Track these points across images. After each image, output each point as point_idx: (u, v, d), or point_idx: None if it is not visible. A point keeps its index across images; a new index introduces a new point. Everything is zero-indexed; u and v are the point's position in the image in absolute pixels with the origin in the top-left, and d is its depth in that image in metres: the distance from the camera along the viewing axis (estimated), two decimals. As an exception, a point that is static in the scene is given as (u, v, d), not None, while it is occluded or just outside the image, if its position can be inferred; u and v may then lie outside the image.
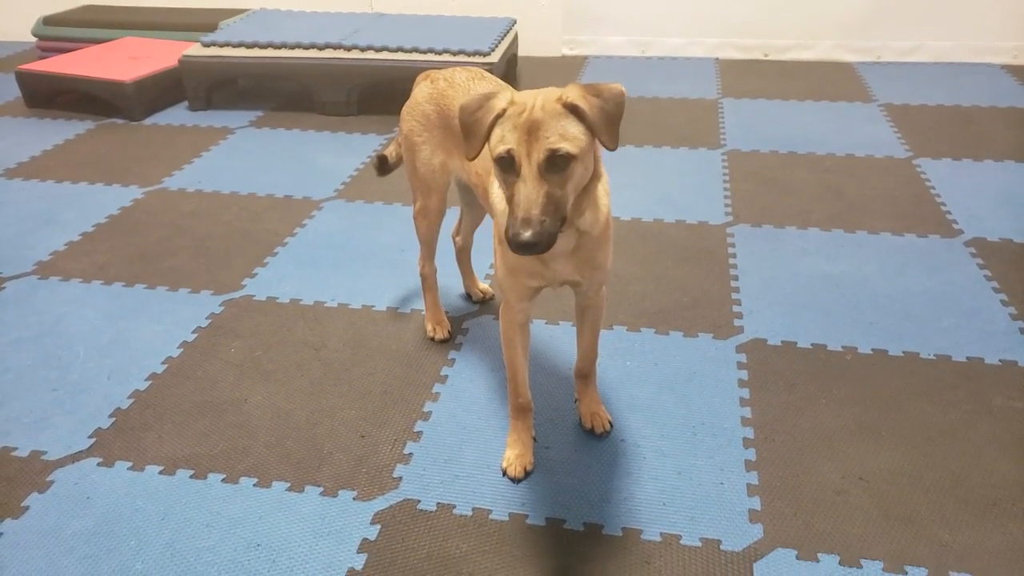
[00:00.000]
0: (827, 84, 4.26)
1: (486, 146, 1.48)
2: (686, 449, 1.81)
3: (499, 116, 1.34)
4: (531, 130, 1.30)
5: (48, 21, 4.54)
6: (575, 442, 1.84)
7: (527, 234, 1.26)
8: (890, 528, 1.59)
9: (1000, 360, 2.08)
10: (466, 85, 1.85)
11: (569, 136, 1.31)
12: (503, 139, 1.32)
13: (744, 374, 2.05)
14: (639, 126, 3.75)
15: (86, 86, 3.88)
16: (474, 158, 1.39)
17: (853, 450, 1.80)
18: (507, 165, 1.32)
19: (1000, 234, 2.70)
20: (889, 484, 1.70)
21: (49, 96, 4.02)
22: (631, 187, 3.13)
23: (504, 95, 1.36)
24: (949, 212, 2.87)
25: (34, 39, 4.63)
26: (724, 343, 2.18)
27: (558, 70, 4.62)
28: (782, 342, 2.18)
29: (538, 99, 1.33)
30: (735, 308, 2.34)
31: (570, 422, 1.90)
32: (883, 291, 2.40)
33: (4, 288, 2.50)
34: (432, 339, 2.20)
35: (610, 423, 1.87)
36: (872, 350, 2.13)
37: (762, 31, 4.69)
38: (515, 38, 4.35)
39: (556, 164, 1.30)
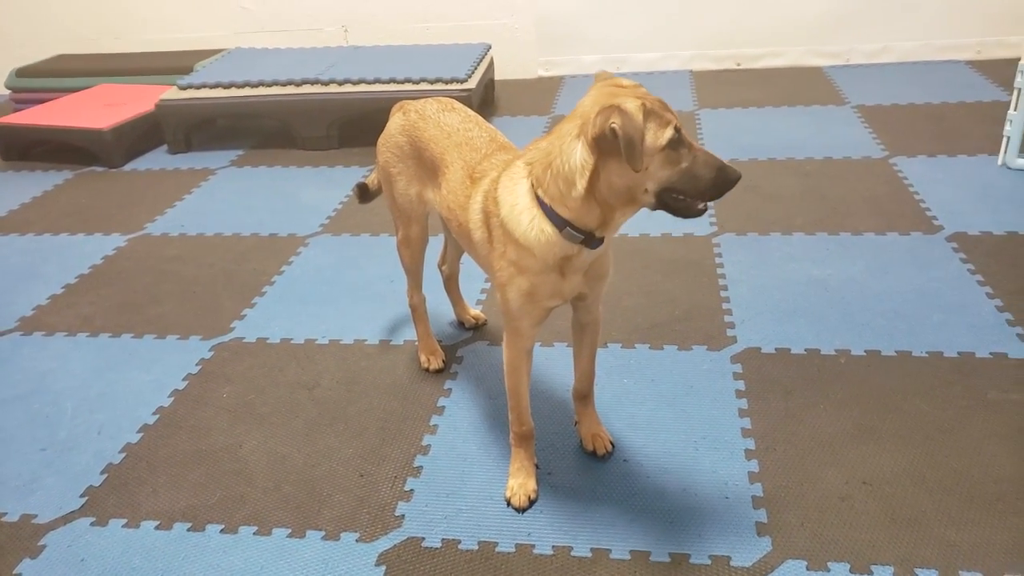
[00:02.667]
0: (800, 89, 4.31)
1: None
2: (689, 465, 1.80)
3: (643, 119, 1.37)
4: (668, 106, 1.40)
5: (21, 73, 4.53)
6: (578, 466, 1.82)
7: (736, 169, 1.41)
8: (897, 531, 1.59)
9: (991, 353, 2.09)
10: (436, 116, 1.86)
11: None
12: (661, 127, 1.36)
13: (741, 384, 2.05)
14: (618, 142, 3.76)
15: (63, 136, 3.86)
16: (641, 169, 1.38)
17: (854, 454, 1.79)
18: (677, 143, 1.38)
19: (980, 228, 2.73)
20: (893, 486, 1.69)
21: (25, 148, 4.00)
22: (614, 204, 3.14)
23: (627, 101, 1.36)
24: (928, 209, 2.89)
25: (7, 92, 4.61)
26: (719, 354, 2.18)
27: (535, 92, 4.65)
28: (776, 349, 2.18)
29: (638, 89, 1.43)
30: (727, 318, 2.34)
31: (571, 446, 1.89)
32: (871, 291, 2.41)
33: (-10, 346, 2.46)
34: (427, 370, 2.19)
35: (612, 444, 1.86)
36: (865, 351, 2.14)
37: (733, 41, 4.75)
38: (491, 63, 4.38)
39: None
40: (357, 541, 1.66)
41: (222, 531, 1.71)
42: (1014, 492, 1.66)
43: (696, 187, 1.40)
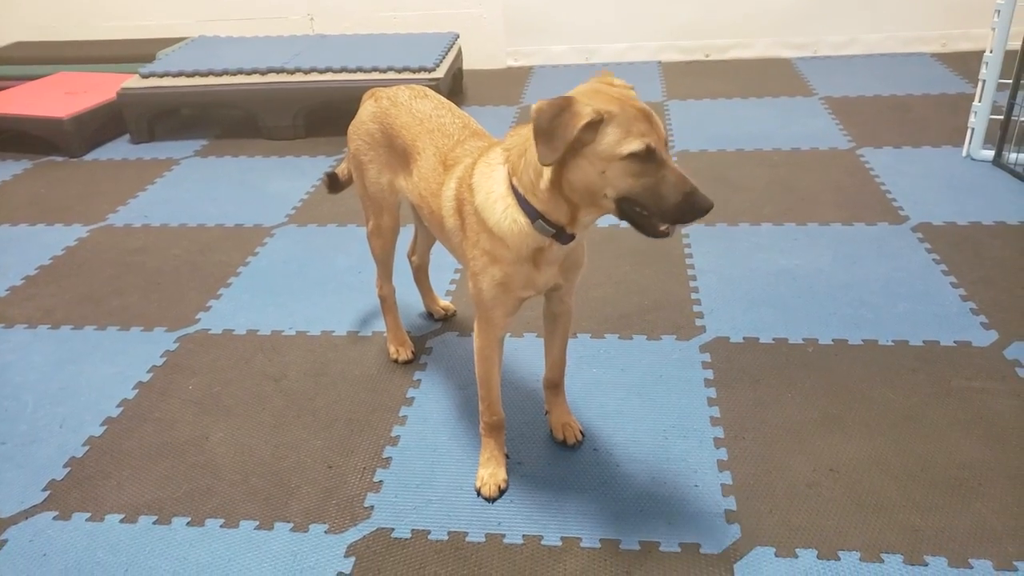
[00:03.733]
0: (768, 81, 4.35)
1: (436, 168, 1.47)
2: (658, 454, 1.81)
3: (597, 121, 1.32)
4: (651, 120, 1.35)
5: (-24, 60, 4.39)
6: (548, 456, 1.82)
7: (708, 198, 1.36)
8: (863, 517, 1.61)
9: (955, 341, 2.13)
10: (408, 104, 1.83)
11: None
12: (629, 136, 1.32)
13: (710, 373, 2.06)
14: (589, 133, 3.76)
15: (21, 124, 3.75)
16: (551, 163, 1.36)
17: (822, 442, 1.82)
18: (645, 157, 1.34)
19: (944, 218, 2.78)
20: (859, 473, 1.72)
21: (-16, 136, 3.88)
22: (585, 194, 3.14)
23: (584, 102, 1.33)
24: (894, 199, 2.94)
25: (-37, 79, 4.46)
26: (687, 344, 2.19)
27: (504, 81, 4.63)
28: (744, 339, 2.20)
29: (628, 91, 1.41)
30: (695, 308, 2.36)
31: (541, 436, 1.88)
32: (838, 281, 2.44)
33: (-57, 340, 2.39)
34: (395, 361, 2.17)
35: (582, 433, 1.86)
36: (832, 340, 2.17)
37: (702, 32, 4.77)
38: (459, 52, 4.35)
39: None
40: (326, 532, 1.64)
41: (188, 524, 1.67)
42: (975, 478, 1.69)
43: (659, 206, 1.36)
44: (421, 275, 2.31)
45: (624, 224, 2.84)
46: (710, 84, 4.36)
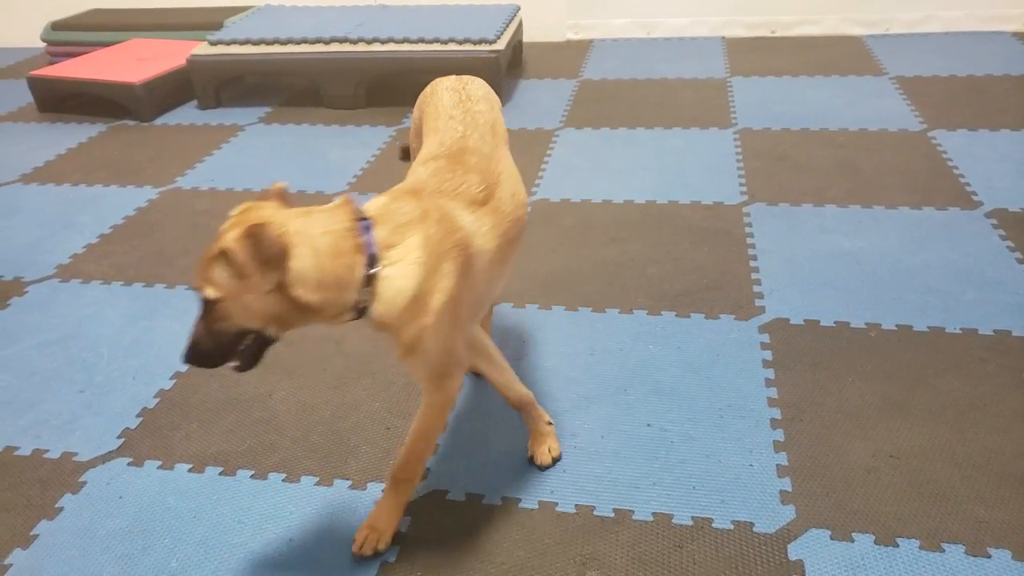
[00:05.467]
0: (836, 59, 4.21)
1: None
2: (713, 432, 1.81)
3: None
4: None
5: (56, 26, 4.54)
6: (601, 428, 1.83)
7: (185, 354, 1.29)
8: (924, 505, 1.58)
9: (1027, 332, 2.06)
10: (440, 93, 1.71)
11: (214, 281, 1.23)
12: None
13: (768, 354, 2.04)
14: (648, 108, 3.72)
15: (96, 89, 3.88)
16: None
17: (882, 427, 1.79)
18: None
19: (1021, 204, 2.67)
20: (921, 461, 1.69)
21: (60, 100, 4.02)
22: (644, 169, 3.11)
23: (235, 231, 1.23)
24: (968, 184, 2.83)
25: (43, 44, 4.63)
26: (746, 324, 2.17)
27: (563, 54, 4.58)
28: (805, 321, 2.16)
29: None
30: (756, 288, 2.33)
31: (595, 408, 1.90)
32: (904, 266, 2.38)
33: (26, 292, 2.51)
34: None
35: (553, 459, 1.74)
36: (896, 326, 2.11)
37: (768, 7, 4.63)
38: (520, 24, 4.32)
39: (206, 306, 1.25)
40: (383, 491, 1.68)
41: (252, 476, 1.74)
42: (1043, 470, 1.64)
43: None
44: None
45: (683, 200, 2.83)
46: (775, 61, 4.25)
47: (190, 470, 1.77)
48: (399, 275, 1.30)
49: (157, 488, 1.73)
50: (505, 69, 3.89)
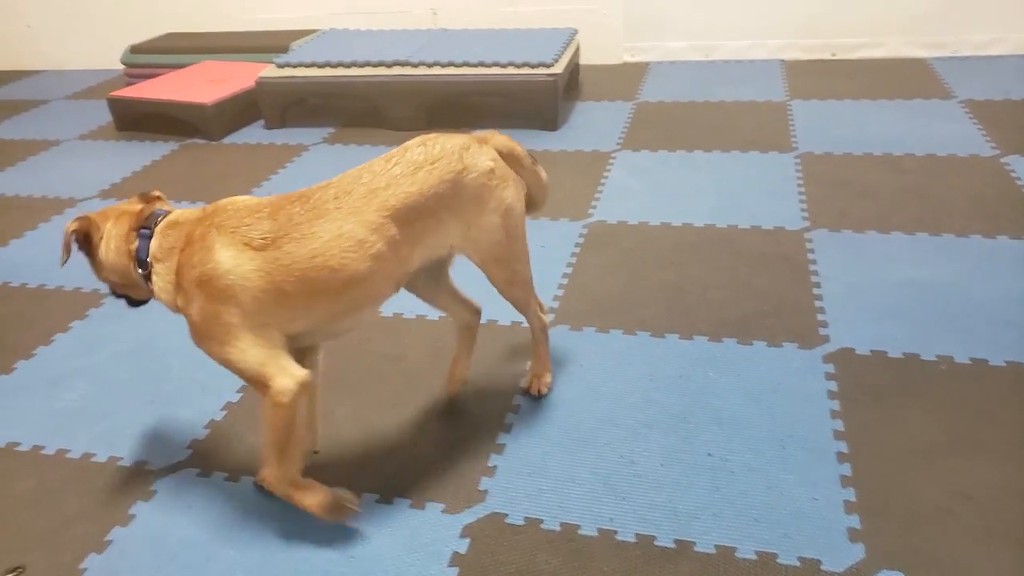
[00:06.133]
0: (901, 82, 4.12)
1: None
2: (776, 463, 1.77)
3: None
4: None
5: (135, 50, 4.76)
6: (661, 456, 1.82)
7: None
8: (1002, 549, 1.52)
9: (1110, 369, 1.97)
10: (409, 144, 1.68)
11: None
12: None
13: (833, 385, 2.00)
14: (706, 131, 3.70)
15: (170, 109, 4.04)
16: None
17: (955, 465, 1.73)
18: None
19: (1101, 235, 2.57)
20: (997, 502, 1.63)
21: (137, 120, 4.20)
22: (702, 193, 3.09)
23: None
24: (1044, 213, 2.74)
25: (122, 67, 4.85)
26: (810, 353, 2.13)
27: (620, 76, 4.60)
28: (871, 351, 2.11)
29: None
30: (819, 316, 2.28)
31: (655, 438, 1.88)
32: (976, 297, 2.30)
33: (102, 304, 2.62)
34: None
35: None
36: (970, 359, 2.05)
37: (829, 30, 4.57)
38: (577, 48, 4.36)
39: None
40: (443, 512, 1.70)
41: (315, 493, 1.78)
42: None
43: None
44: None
45: (743, 224, 2.80)
46: (836, 84, 4.18)
47: (255, 483, 1.81)
48: (159, 289, 1.63)
49: (223, 499, 1.77)
50: (562, 92, 3.92)
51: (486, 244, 1.75)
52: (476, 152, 1.70)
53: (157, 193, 1.77)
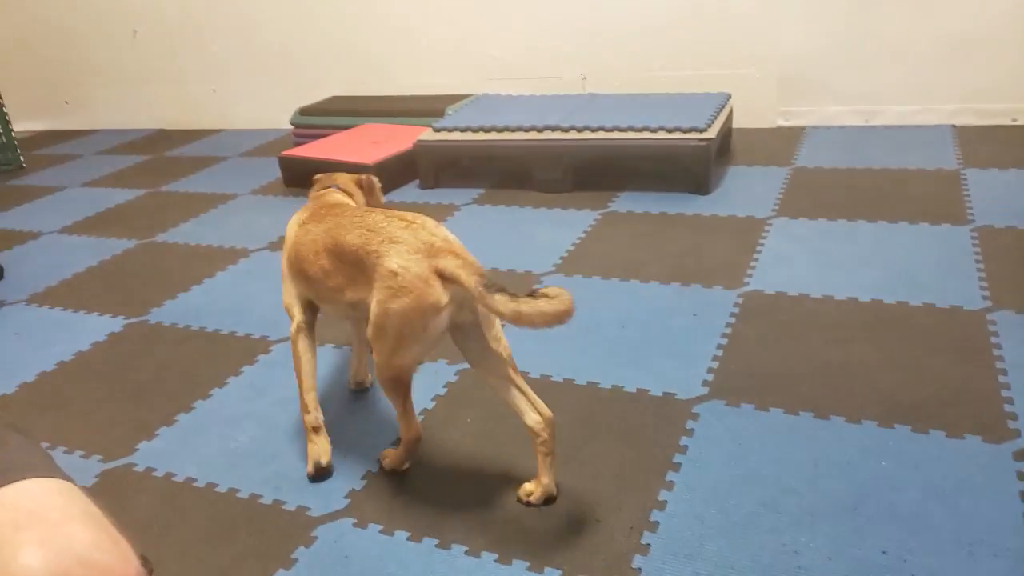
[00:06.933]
0: (1096, 150, 3.77)
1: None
2: (962, 570, 1.60)
3: None
4: None
5: (303, 111, 5.19)
6: (829, 549, 1.69)
7: None
8: None
9: None
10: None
11: None
12: None
13: (1029, 487, 1.80)
14: (869, 199, 3.52)
15: (335, 168, 4.33)
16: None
17: None
18: None
19: None
20: None
21: (304, 177, 4.53)
22: (867, 265, 2.92)
23: None
24: None
25: (291, 127, 5.30)
26: (997, 448, 1.93)
27: (774, 141, 4.49)
28: (1075, 452, 1.89)
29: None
30: (1007, 408, 2.07)
31: (822, 528, 1.75)
32: None
33: (271, 351, 2.81)
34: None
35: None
36: None
37: (1008, 94, 4.27)
38: (731, 112, 4.31)
39: None
40: None
41: (466, 553, 1.79)
42: None
43: None
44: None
45: (914, 301, 2.61)
46: (1018, 152, 3.88)
47: (408, 538, 1.85)
48: None
49: (379, 552, 1.82)
50: (715, 156, 3.87)
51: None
52: (401, 253, 1.78)
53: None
